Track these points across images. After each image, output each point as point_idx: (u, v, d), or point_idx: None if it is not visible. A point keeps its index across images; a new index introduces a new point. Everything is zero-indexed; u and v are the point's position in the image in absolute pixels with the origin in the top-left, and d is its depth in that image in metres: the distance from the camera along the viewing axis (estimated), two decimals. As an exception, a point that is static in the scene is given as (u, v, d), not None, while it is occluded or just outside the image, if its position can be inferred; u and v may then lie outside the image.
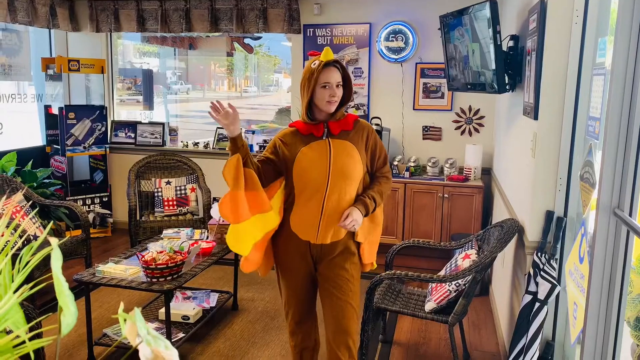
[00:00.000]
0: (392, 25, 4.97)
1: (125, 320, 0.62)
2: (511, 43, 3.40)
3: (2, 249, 0.64)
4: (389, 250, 3.44)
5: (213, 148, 5.66)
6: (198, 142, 5.79)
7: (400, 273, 2.93)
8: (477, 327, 3.75)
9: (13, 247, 0.73)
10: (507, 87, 3.34)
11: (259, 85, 6.82)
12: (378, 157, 2.46)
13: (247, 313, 3.87)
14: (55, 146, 5.56)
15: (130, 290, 3.06)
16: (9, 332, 0.62)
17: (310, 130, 2.36)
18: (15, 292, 0.56)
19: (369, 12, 5.05)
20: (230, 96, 6.68)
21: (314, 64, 2.30)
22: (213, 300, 3.74)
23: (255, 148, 5.48)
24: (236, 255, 3.96)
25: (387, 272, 3.04)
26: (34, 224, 4.07)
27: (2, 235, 0.69)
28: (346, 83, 2.36)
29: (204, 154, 5.60)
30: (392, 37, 4.99)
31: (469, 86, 3.88)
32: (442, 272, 3.24)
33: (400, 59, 5.01)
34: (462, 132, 4.99)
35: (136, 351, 0.66)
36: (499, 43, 3.18)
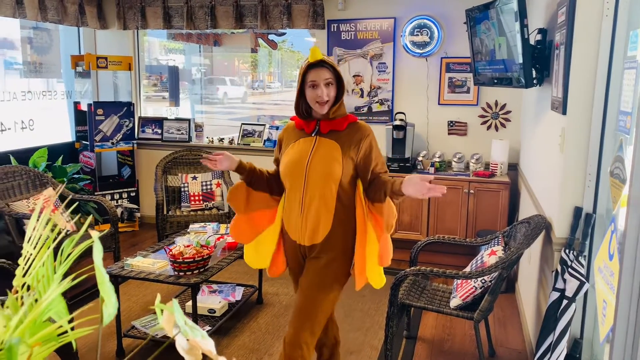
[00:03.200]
0: (417, 20, 4.94)
1: (162, 311, 0.64)
2: (539, 37, 3.35)
3: (44, 242, 0.66)
4: (413, 247, 3.43)
5: (238, 144, 5.70)
6: (223, 138, 5.84)
7: (425, 269, 2.92)
8: (502, 323, 3.72)
9: (48, 240, 0.76)
10: (534, 81, 3.29)
11: (282, 80, 6.84)
12: (375, 163, 2.30)
13: (271, 307, 3.90)
14: (84, 142, 5.67)
15: (158, 283, 3.11)
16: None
17: (303, 126, 2.35)
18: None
19: (394, 6, 5.02)
20: (256, 92, 6.73)
21: (304, 63, 2.27)
22: (238, 294, 3.78)
23: (280, 143, 5.50)
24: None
25: (412, 268, 3.03)
26: (65, 218, 4.17)
27: (44, 229, 0.71)
28: (339, 82, 2.26)
29: (229, 149, 5.65)
30: (417, 31, 4.95)
31: (495, 80, 3.83)
32: (467, 269, 3.22)
33: (425, 53, 4.97)
34: (488, 127, 4.93)
35: (162, 343, 0.68)
36: (526, 37, 3.14)
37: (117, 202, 5.66)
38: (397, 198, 2.25)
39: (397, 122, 4.79)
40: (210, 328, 3.29)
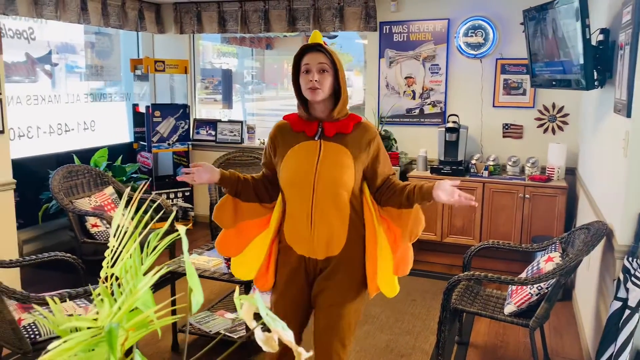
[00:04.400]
0: (471, 21, 4.86)
1: (241, 303, 0.66)
2: (601, 37, 3.24)
3: (130, 236, 0.71)
4: (466, 251, 3.38)
5: (289, 145, 5.77)
6: (274, 140, 5.92)
7: (480, 274, 2.87)
8: (558, 332, 3.61)
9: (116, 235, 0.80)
10: (595, 83, 3.19)
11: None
12: (384, 165, 2.14)
13: (321, 308, 3.92)
14: (142, 143, 5.87)
15: (212, 280, 3.18)
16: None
17: (302, 128, 2.10)
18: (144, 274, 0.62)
19: (447, 7, 4.96)
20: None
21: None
22: (289, 294, 3.81)
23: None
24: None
25: (466, 272, 2.99)
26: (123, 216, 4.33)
27: (129, 224, 0.75)
28: (337, 74, 2.03)
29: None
30: (471, 32, 4.88)
31: (553, 82, 3.74)
32: (523, 275, 3.15)
33: (479, 54, 4.89)
34: (545, 130, 4.80)
35: (220, 340, 0.70)
36: (587, 37, 3.04)
37: (172, 202, 5.83)
38: (424, 203, 2.07)
39: (450, 125, 4.74)
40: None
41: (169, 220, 0.76)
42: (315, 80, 1.99)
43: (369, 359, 3.22)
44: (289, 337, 0.62)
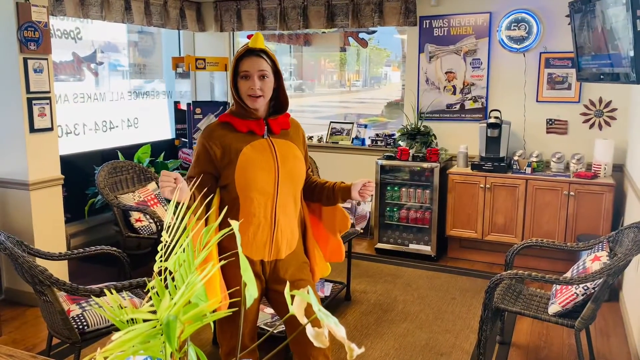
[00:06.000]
0: (514, 14, 4.75)
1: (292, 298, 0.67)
2: (653, 28, 3.11)
3: (183, 230, 0.72)
4: (508, 250, 3.31)
5: (326, 142, 5.77)
6: (312, 136, 5.93)
7: (523, 273, 2.81)
8: (605, 334, 3.50)
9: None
10: (647, 76, 3.07)
11: (367, 79, 6.83)
12: (307, 158, 2.24)
13: (359, 304, 3.92)
14: (183, 139, 5.98)
15: (252, 276, 3.22)
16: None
17: (250, 127, 2.03)
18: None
19: (489, 1, 4.86)
20: (342, 90, 6.77)
21: (241, 48, 2.04)
22: (327, 289, 3.83)
23: (367, 142, 5.51)
24: (350, 247, 4.02)
25: (509, 271, 2.93)
26: (166, 211, 4.42)
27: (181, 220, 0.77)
28: (278, 82, 2.07)
29: (317, 147, 5.73)
30: (514, 26, 4.77)
31: (601, 76, 3.61)
32: (568, 274, 3.07)
33: (522, 48, 4.77)
34: (591, 126, 4.65)
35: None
36: (639, 29, 2.93)
37: (212, 197, 5.91)
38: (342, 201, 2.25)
39: (492, 120, 4.64)
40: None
41: (221, 216, 0.77)
42: (258, 89, 1.99)
43: (408, 357, 3.20)
44: (341, 332, 0.63)
